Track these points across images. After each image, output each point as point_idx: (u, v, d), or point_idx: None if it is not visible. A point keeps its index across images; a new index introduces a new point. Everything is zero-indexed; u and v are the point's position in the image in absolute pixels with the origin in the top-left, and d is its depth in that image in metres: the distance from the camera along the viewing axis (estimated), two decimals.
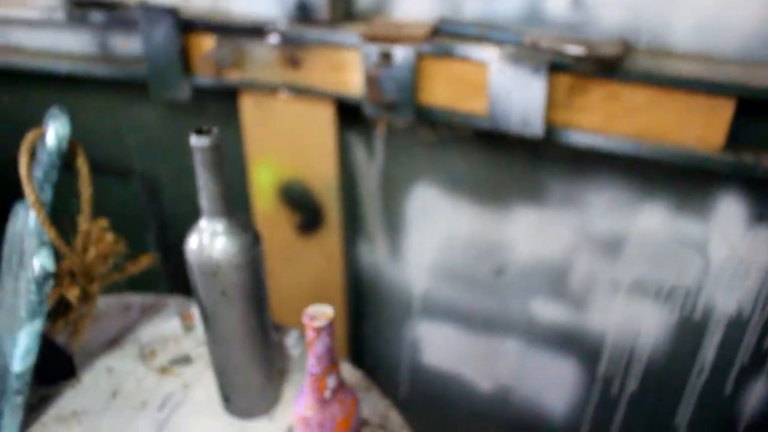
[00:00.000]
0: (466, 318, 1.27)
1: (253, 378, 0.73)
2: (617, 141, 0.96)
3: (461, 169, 1.14)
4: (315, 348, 0.56)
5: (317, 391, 0.58)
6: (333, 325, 0.55)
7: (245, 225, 0.67)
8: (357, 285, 1.34)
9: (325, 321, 0.55)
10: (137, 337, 0.88)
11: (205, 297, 0.67)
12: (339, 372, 0.58)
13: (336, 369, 0.58)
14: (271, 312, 0.73)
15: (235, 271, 0.66)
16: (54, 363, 0.79)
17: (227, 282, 0.66)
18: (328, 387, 0.58)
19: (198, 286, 0.67)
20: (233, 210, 0.66)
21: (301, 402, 0.59)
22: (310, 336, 0.55)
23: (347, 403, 0.59)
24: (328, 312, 0.55)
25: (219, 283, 0.66)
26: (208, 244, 0.65)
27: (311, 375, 0.57)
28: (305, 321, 0.55)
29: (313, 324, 0.55)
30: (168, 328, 0.90)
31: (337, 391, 0.59)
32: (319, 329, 0.55)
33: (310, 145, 1.19)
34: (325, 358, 0.56)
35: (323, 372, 0.57)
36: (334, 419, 0.58)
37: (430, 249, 1.24)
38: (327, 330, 0.55)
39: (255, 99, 1.18)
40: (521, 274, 1.18)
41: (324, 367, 0.57)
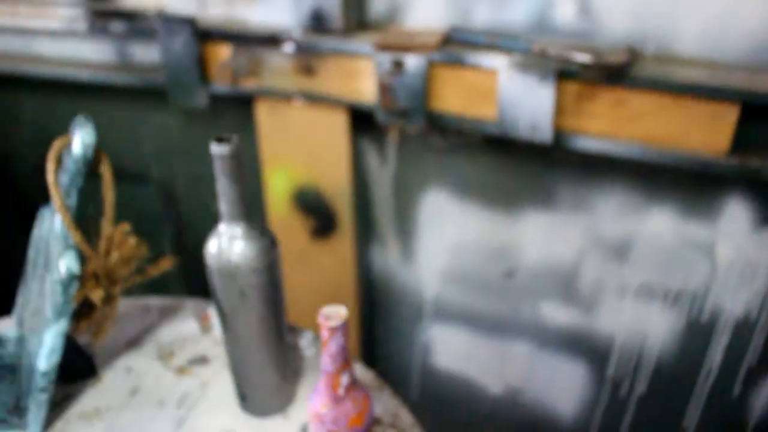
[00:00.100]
0: (476, 321, 1.29)
1: (269, 377, 0.75)
2: (625, 146, 0.98)
3: (472, 175, 1.17)
4: (329, 347, 0.58)
5: (331, 389, 0.60)
6: (347, 325, 0.58)
7: (263, 229, 0.70)
8: (369, 288, 1.37)
9: (340, 321, 0.57)
10: (156, 338, 0.91)
11: (224, 299, 0.70)
12: (352, 370, 0.61)
13: (349, 367, 0.60)
14: (287, 314, 0.76)
15: (253, 274, 0.68)
16: (76, 362, 0.82)
17: (245, 284, 0.68)
18: (341, 385, 0.60)
19: (217, 288, 0.70)
20: (251, 215, 0.69)
21: (316, 399, 0.62)
22: (324, 335, 0.58)
23: (360, 401, 0.62)
24: (342, 312, 0.58)
25: (237, 286, 0.68)
26: (227, 247, 0.68)
27: (326, 373, 0.60)
28: (320, 321, 0.57)
29: (328, 324, 0.57)
30: (186, 329, 0.92)
31: (350, 389, 0.61)
32: (334, 329, 0.57)
33: (323, 152, 1.22)
34: (339, 356, 0.59)
35: (337, 370, 0.59)
36: (347, 416, 0.61)
37: (441, 253, 1.26)
38: (341, 329, 0.57)
39: (270, 106, 1.21)
40: (531, 277, 1.20)
41: (338, 366, 0.59)
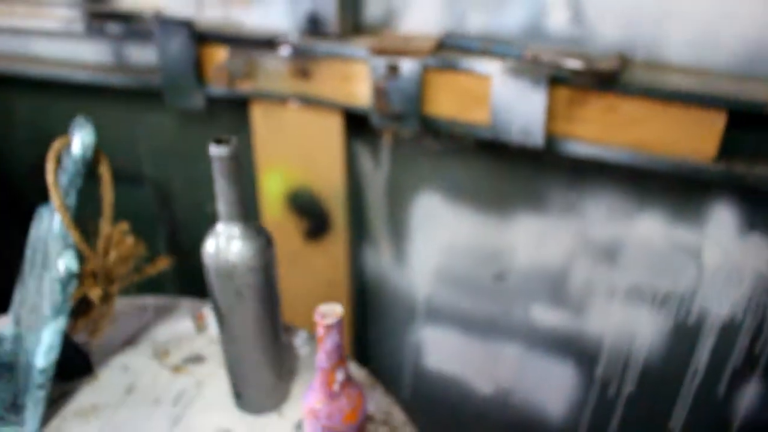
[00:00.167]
0: (467, 322, 1.31)
1: (265, 375, 0.76)
2: (615, 151, 1.00)
3: (464, 178, 1.18)
4: (325, 344, 0.59)
5: (326, 385, 0.61)
6: (342, 323, 0.59)
7: (259, 229, 0.71)
8: (362, 290, 1.38)
9: (335, 318, 0.59)
10: (151, 337, 0.92)
11: (221, 298, 0.71)
12: (347, 367, 0.62)
13: (344, 364, 0.61)
14: (282, 313, 0.77)
15: (250, 273, 0.69)
16: (72, 360, 0.83)
17: (242, 283, 0.70)
18: (336, 381, 0.61)
19: (214, 287, 0.71)
20: (248, 215, 0.70)
21: (311, 396, 0.63)
22: (320, 332, 0.59)
23: (354, 397, 0.63)
24: (337, 310, 0.59)
25: (234, 285, 0.70)
26: (224, 247, 0.69)
27: (321, 369, 0.61)
28: (316, 318, 0.59)
29: (324, 321, 0.58)
30: (181, 328, 0.93)
31: (345, 385, 0.62)
32: (330, 326, 0.58)
33: (318, 154, 1.23)
34: (334, 353, 0.60)
35: (332, 367, 0.61)
36: (342, 411, 0.62)
37: (433, 255, 1.28)
38: (336, 327, 0.59)
39: (266, 109, 1.22)
40: (522, 279, 1.22)
41: (333, 362, 0.60)
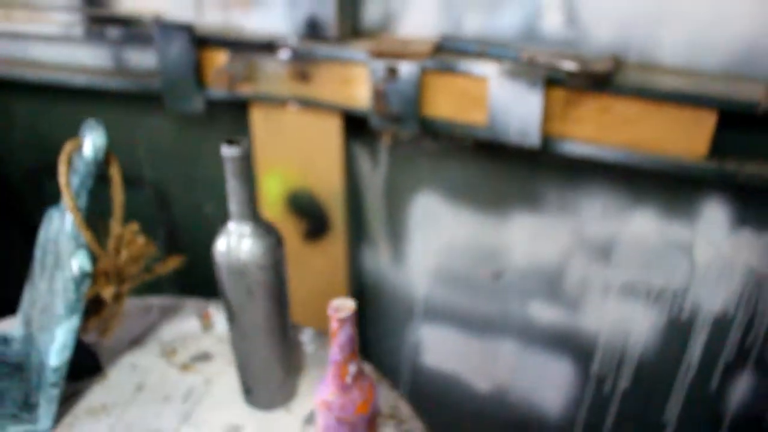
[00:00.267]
0: (465, 320, 1.33)
1: (274, 371, 0.78)
2: (610, 151, 1.03)
3: (462, 178, 1.21)
4: (338, 337, 0.61)
5: (339, 378, 0.63)
6: (355, 317, 0.61)
7: (269, 228, 0.73)
8: (360, 289, 1.40)
9: (348, 312, 0.60)
10: (158, 336, 0.93)
11: (232, 295, 0.72)
12: (358, 360, 0.64)
13: (356, 357, 0.63)
14: (291, 310, 0.79)
15: (261, 271, 0.71)
16: (82, 360, 0.84)
17: (253, 281, 0.71)
18: (349, 373, 0.63)
19: (225, 285, 0.72)
20: (259, 214, 0.72)
21: (324, 388, 0.65)
22: (334, 326, 0.61)
23: (366, 389, 0.65)
24: (350, 304, 0.61)
25: (245, 283, 0.71)
26: (235, 246, 0.71)
27: (334, 362, 0.63)
28: (330, 313, 0.61)
29: (338, 315, 0.60)
30: (187, 327, 0.95)
31: (357, 378, 0.64)
32: (343, 320, 0.60)
33: (317, 156, 1.25)
34: (347, 346, 0.62)
35: (345, 359, 0.63)
36: (354, 403, 0.64)
37: (431, 254, 1.30)
38: (349, 321, 0.61)
39: (265, 111, 1.24)
40: (518, 277, 1.24)
41: (346, 355, 0.62)
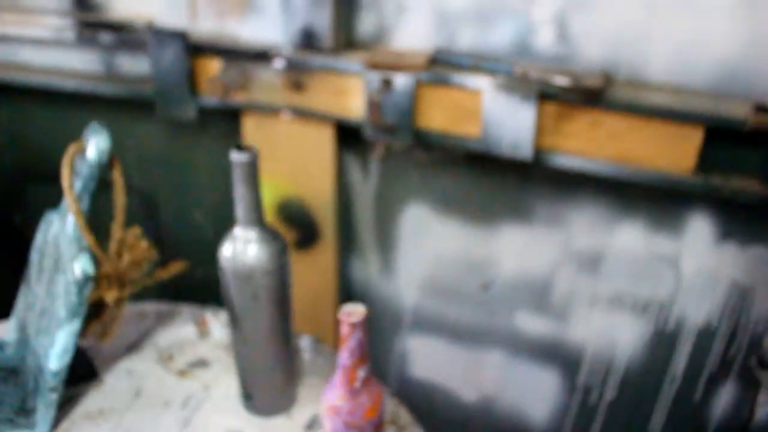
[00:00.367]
0: (453, 331, 1.34)
1: (275, 377, 0.78)
2: (599, 164, 1.05)
3: (452, 190, 1.22)
4: (349, 342, 0.62)
5: (348, 382, 0.64)
6: (365, 322, 0.62)
7: (275, 234, 0.73)
8: (349, 299, 1.40)
9: (360, 317, 0.61)
10: (154, 342, 0.93)
11: (237, 300, 0.73)
12: (367, 365, 0.65)
13: (365, 362, 0.64)
14: (294, 316, 0.79)
15: (267, 276, 0.72)
16: (77, 364, 0.84)
17: (258, 286, 0.72)
18: (358, 378, 0.64)
19: (230, 289, 0.73)
20: (264, 220, 0.73)
21: (331, 393, 0.65)
22: (345, 331, 0.61)
23: (374, 393, 0.66)
24: (361, 310, 0.62)
25: (251, 287, 0.72)
26: (242, 251, 0.71)
27: (343, 367, 0.63)
28: (341, 317, 0.61)
29: (349, 320, 0.61)
30: (183, 333, 0.95)
31: (366, 382, 0.65)
32: (355, 325, 0.61)
33: (308, 165, 1.25)
34: (357, 351, 0.63)
35: (354, 364, 0.63)
36: (363, 407, 0.65)
37: (420, 265, 1.31)
38: (360, 326, 0.61)
39: (257, 120, 1.25)
40: (506, 289, 1.26)
41: (355, 360, 0.63)
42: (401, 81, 1.09)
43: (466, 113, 1.09)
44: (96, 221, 0.79)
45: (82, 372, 0.84)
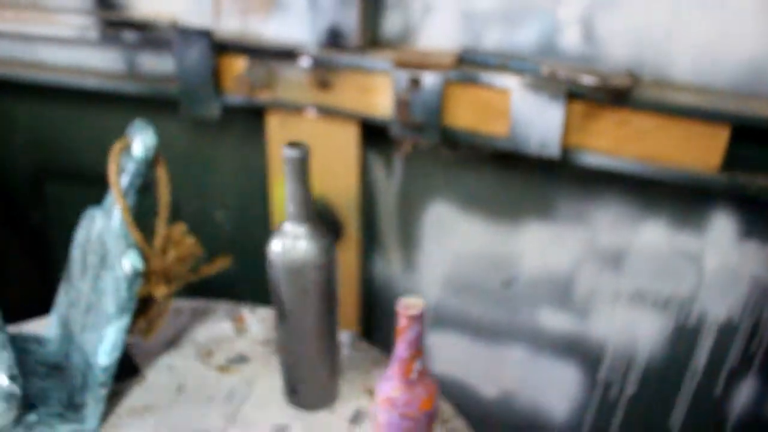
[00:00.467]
0: (474, 327, 1.35)
1: (321, 371, 0.79)
2: (626, 162, 1.07)
3: (476, 188, 1.23)
4: (407, 334, 0.63)
5: (404, 374, 0.65)
6: (423, 315, 0.63)
7: (323, 229, 0.74)
8: (370, 296, 1.41)
9: (418, 310, 0.62)
10: (191, 338, 0.93)
11: (287, 295, 0.74)
12: (423, 357, 0.66)
13: (421, 354, 0.65)
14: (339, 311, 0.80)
15: (317, 271, 0.73)
16: (121, 361, 0.84)
17: (308, 281, 0.73)
18: (414, 370, 0.65)
19: (280, 285, 0.73)
20: (314, 215, 0.74)
21: (387, 386, 0.66)
22: (403, 323, 0.63)
23: (429, 385, 0.67)
24: (419, 303, 0.63)
25: (301, 282, 0.73)
26: (292, 246, 0.72)
27: (400, 359, 0.65)
28: (400, 310, 0.62)
29: (408, 312, 0.62)
30: (219, 329, 0.95)
31: (421, 375, 0.66)
32: (413, 317, 0.62)
33: (333, 163, 1.26)
34: (415, 343, 0.64)
35: (411, 356, 0.64)
36: (419, 399, 0.66)
37: (442, 262, 1.32)
38: (419, 319, 0.63)
39: (282, 118, 1.25)
40: (529, 285, 1.27)
41: (413, 352, 0.64)
42: (429, 80, 1.10)
43: (493, 112, 1.11)
44: (144, 218, 0.80)
45: (124, 368, 0.85)
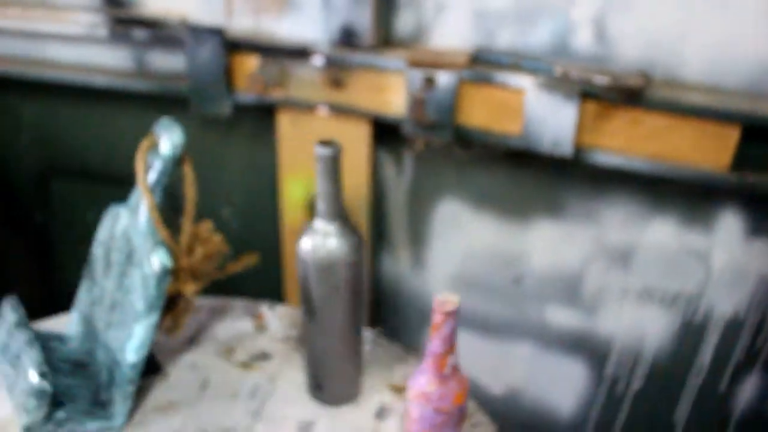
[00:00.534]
0: (482, 325, 1.36)
1: (347, 367, 0.80)
2: (637, 161, 1.08)
3: (487, 186, 1.24)
4: (442, 330, 0.64)
5: (439, 369, 0.66)
6: (458, 312, 0.64)
7: (352, 227, 0.75)
8: (379, 293, 1.42)
9: (453, 306, 0.63)
10: (211, 336, 0.94)
11: (317, 292, 0.74)
12: (456, 353, 0.67)
13: (454, 350, 0.66)
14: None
15: (347, 269, 0.73)
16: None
17: (339, 278, 0.73)
18: (448, 365, 0.66)
19: (310, 282, 0.74)
20: (345, 213, 0.74)
21: (421, 380, 0.67)
22: (438, 319, 0.64)
23: (461, 380, 0.68)
24: (455, 299, 0.64)
25: (331, 280, 0.73)
26: (322, 244, 0.73)
27: (434, 354, 0.66)
28: (436, 306, 0.63)
29: (444, 308, 0.63)
30: (239, 327, 0.96)
31: (454, 369, 0.67)
32: (448, 313, 0.63)
33: (344, 161, 1.26)
34: (449, 339, 0.65)
35: (446, 351, 0.65)
36: (452, 393, 0.67)
37: (451, 260, 1.33)
38: (453, 315, 0.64)
39: (293, 116, 1.26)
40: (537, 282, 1.29)
41: (447, 347, 0.65)
42: (444, 79, 1.11)
43: (507, 111, 1.12)
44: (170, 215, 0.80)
45: (147, 365, 0.85)
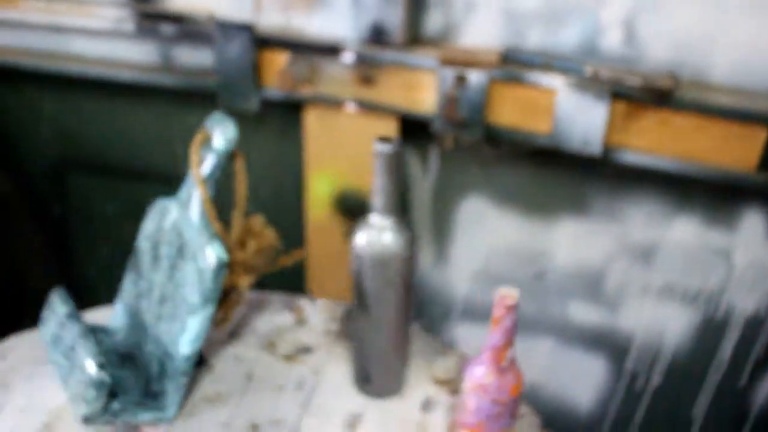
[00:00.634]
0: None
1: (396, 360, 0.81)
2: (665, 161, 1.10)
3: (513, 184, 1.26)
4: (504, 322, 0.65)
5: (497, 361, 0.67)
6: (518, 306, 0.65)
7: (405, 223, 0.76)
8: None
9: (514, 300, 0.65)
10: (252, 329, 0.95)
11: (371, 286, 0.75)
12: (514, 346, 0.68)
13: (513, 343, 0.68)
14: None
15: (402, 263, 0.75)
16: None
17: (394, 272, 0.75)
18: (507, 357, 0.67)
19: (365, 276, 0.75)
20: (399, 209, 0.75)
21: (479, 372, 0.69)
22: (500, 312, 0.65)
23: (518, 372, 0.69)
24: (515, 293, 0.65)
25: (387, 273, 0.75)
26: (378, 238, 0.74)
27: (494, 347, 0.67)
28: (497, 300, 0.65)
29: (506, 302, 0.64)
30: (279, 321, 0.97)
31: (512, 362, 0.68)
32: (510, 307, 0.65)
33: (370, 158, 1.28)
34: (510, 332, 0.66)
35: (506, 344, 0.67)
36: (509, 385, 0.68)
37: (474, 256, 1.35)
38: (514, 308, 0.65)
39: (321, 113, 1.27)
40: (560, 279, 1.31)
41: (507, 340, 0.67)
42: (475, 77, 1.13)
43: (537, 110, 1.13)
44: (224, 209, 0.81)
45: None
